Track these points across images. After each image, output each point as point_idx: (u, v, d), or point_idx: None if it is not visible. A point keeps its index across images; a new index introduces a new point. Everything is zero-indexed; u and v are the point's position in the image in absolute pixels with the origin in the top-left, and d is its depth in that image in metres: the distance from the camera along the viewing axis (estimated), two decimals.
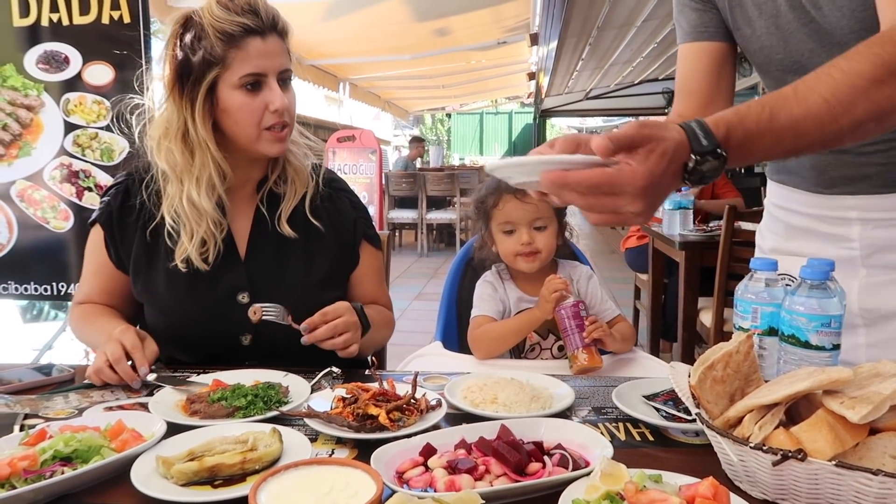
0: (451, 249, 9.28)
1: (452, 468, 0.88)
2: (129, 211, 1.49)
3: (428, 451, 0.92)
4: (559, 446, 0.94)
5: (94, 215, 1.54)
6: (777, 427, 0.84)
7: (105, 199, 1.54)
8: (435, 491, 0.84)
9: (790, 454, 0.78)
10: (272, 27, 1.39)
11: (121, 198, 1.50)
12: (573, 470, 0.88)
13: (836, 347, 1.00)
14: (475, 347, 1.65)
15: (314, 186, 1.56)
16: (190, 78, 1.36)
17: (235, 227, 1.51)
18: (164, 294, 1.45)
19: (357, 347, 1.37)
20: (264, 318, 1.35)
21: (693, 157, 0.83)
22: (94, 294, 1.52)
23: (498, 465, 0.88)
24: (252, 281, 1.47)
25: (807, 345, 1.00)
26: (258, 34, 1.36)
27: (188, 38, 1.36)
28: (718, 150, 0.83)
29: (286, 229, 1.49)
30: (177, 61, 1.37)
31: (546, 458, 0.91)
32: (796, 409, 0.88)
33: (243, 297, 1.45)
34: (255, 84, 1.37)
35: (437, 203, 9.46)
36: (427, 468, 0.89)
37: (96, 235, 1.53)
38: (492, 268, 1.79)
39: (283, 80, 1.42)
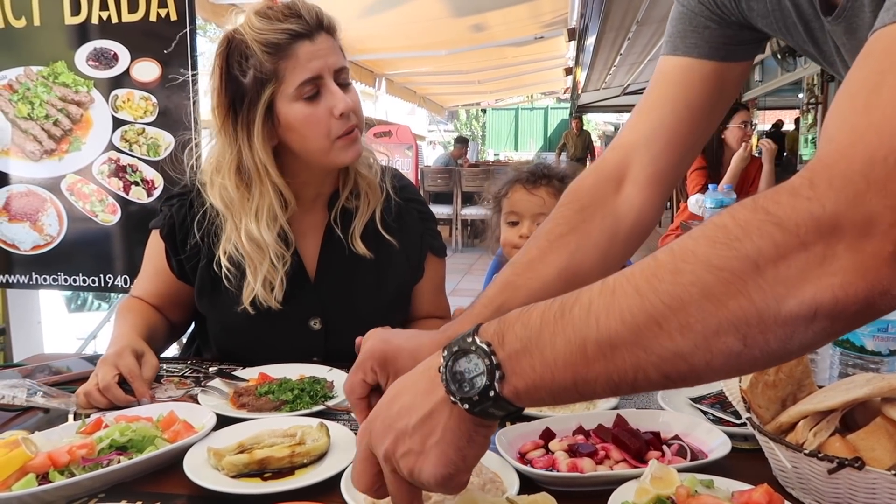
0: (485, 245, 9.26)
1: (573, 451, 0.91)
2: (190, 230, 1.41)
3: (548, 435, 0.96)
4: (676, 437, 0.95)
5: (154, 221, 1.47)
6: (832, 434, 0.82)
7: (165, 207, 1.46)
8: (557, 471, 0.88)
9: (847, 462, 0.77)
10: (318, 26, 1.30)
11: (183, 213, 1.42)
12: (691, 461, 0.89)
13: (893, 353, 0.98)
14: None
15: (385, 196, 1.47)
16: (244, 102, 1.28)
17: (303, 249, 1.43)
18: (231, 321, 1.39)
19: None
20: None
21: (443, 353, 0.60)
22: (148, 295, 1.47)
23: (617, 451, 0.90)
24: (324, 306, 1.42)
25: (862, 350, 0.98)
26: (306, 37, 1.28)
27: (234, 60, 1.28)
28: (476, 340, 0.58)
29: (360, 247, 1.41)
30: (227, 89, 1.29)
31: (664, 447, 0.93)
32: (852, 417, 0.86)
33: (315, 324, 1.41)
34: (314, 91, 1.29)
35: (471, 199, 9.44)
36: (548, 450, 0.93)
37: (157, 241, 1.45)
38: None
39: (343, 79, 1.33)
